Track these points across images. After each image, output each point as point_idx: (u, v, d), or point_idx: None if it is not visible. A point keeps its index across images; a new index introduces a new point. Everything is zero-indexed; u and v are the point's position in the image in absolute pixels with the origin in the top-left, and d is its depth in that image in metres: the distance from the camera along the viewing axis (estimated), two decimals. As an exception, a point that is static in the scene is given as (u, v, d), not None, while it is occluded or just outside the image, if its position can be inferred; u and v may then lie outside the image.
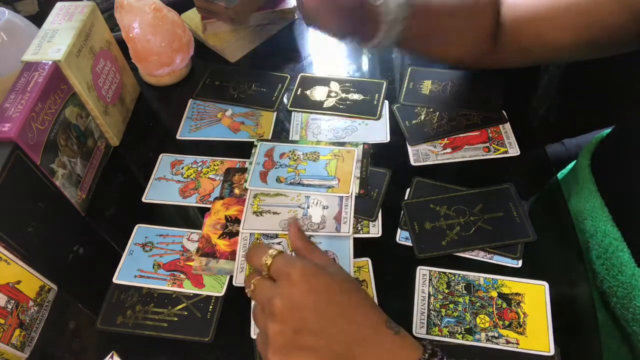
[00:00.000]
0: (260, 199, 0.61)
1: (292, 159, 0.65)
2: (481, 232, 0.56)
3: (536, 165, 0.64)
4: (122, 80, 0.73)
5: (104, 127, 0.67)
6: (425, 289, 0.53)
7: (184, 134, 0.71)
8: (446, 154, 0.65)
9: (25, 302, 0.52)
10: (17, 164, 0.51)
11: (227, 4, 0.74)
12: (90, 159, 0.65)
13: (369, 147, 0.66)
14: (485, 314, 0.51)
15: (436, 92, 0.72)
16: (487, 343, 0.49)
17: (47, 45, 0.59)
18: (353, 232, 0.58)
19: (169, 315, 0.54)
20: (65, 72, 0.59)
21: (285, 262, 0.43)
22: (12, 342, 0.50)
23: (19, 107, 0.52)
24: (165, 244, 0.60)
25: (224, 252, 0.57)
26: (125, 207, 0.65)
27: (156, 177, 0.66)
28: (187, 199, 0.63)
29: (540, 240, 0.55)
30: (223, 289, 0.55)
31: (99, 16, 0.66)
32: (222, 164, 0.67)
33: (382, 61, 0.80)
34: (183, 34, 0.75)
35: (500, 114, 0.68)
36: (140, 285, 0.56)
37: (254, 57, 0.82)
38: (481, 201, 0.59)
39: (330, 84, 0.76)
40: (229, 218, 0.60)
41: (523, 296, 0.52)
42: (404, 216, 0.59)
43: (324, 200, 0.61)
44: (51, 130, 0.56)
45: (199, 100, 0.76)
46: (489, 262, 0.55)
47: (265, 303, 0.42)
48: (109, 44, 0.69)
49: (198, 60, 0.82)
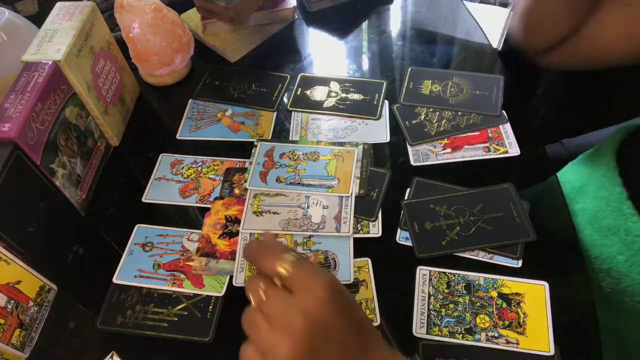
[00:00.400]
0: (260, 199, 0.61)
1: (292, 159, 0.65)
2: (481, 232, 0.56)
3: (536, 165, 0.64)
4: (122, 80, 0.73)
5: (104, 127, 0.67)
6: (425, 289, 0.53)
7: (184, 134, 0.71)
8: (446, 154, 0.65)
9: (25, 302, 0.52)
10: (17, 164, 0.51)
11: (227, 4, 0.74)
12: (90, 159, 0.65)
13: (369, 147, 0.66)
14: (485, 314, 0.51)
15: (436, 92, 0.72)
16: (487, 343, 0.49)
17: (47, 45, 0.59)
18: (353, 232, 0.58)
19: (169, 315, 0.54)
20: (65, 72, 0.59)
21: (309, 273, 0.37)
22: (12, 342, 0.50)
23: (19, 107, 0.52)
24: (165, 244, 0.60)
25: (224, 252, 0.57)
26: (125, 207, 0.65)
27: (156, 177, 0.66)
28: (187, 199, 0.63)
29: (540, 240, 0.55)
30: (223, 289, 0.55)
31: (99, 16, 0.66)
32: (222, 164, 0.67)
33: (382, 61, 0.80)
34: (183, 34, 0.75)
35: (500, 114, 0.68)
36: (140, 285, 0.56)
37: (254, 57, 0.82)
38: (481, 201, 0.59)
39: (330, 84, 0.76)
40: (229, 218, 0.60)
41: (523, 296, 0.52)
42: (404, 216, 0.59)
43: (324, 200, 0.61)
44: (51, 130, 0.56)
45: (199, 100, 0.76)
46: (489, 262, 0.55)
47: (280, 317, 0.36)
48: (109, 44, 0.69)
49: (198, 60, 0.82)
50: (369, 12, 0.87)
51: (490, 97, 0.70)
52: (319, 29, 0.86)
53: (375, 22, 0.86)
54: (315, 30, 0.86)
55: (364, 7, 0.88)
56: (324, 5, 0.88)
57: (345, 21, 0.87)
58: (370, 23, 0.86)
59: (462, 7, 0.86)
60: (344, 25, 0.86)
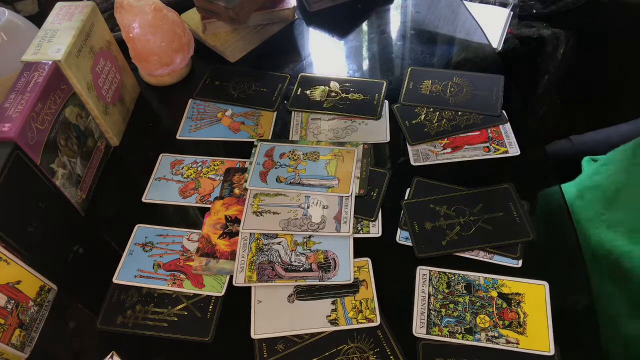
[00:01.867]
0: (260, 198, 0.61)
1: (292, 158, 0.65)
2: (481, 232, 0.56)
3: (536, 165, 0.64)
4: (122, 80, 0.73)
5: (104, 127, 0.67)
6: (425, 288, 0.53)
7: (184, 134, 0.71)
8: (446, 154, 0.65)
9: (25, 302, 0.52)
10: (17, 164, 0.51)
11: (227, 4, 0.74)
12: (90, 159, 0.65)
13: (369, 147, 0.66)
14: (485, 314, 0.51)
15: (436, 92, 0.72)
16: (487, 343, 0.49)
17: (47, 45, 0.59)
18: (353, 232, 0.58)
19: (169, 315, 0.54)
20: (65, 72, 0.59)
21: None
22: (12, 342, 0.50)
23: (19, 107, 0.52)
24: (165, 244, 0.60)
25: (224, 252, 0.57)
26: (125, 207, 0.65)
27: (156, 177, 0.66)
28: (187, 199, 0.63)
29: (540, 240, 0.55)
30: (223, 289, 0.55)
31: (99, 16, 0.66)
32: (222, 164, 0.67)
33: (382, 61, 0.80)
34: (183, 34, 0.75)
35: (500, 114, 0.68)
36: (140, 285, 0.56)
37: (254, 57, 0.82)
38: (481, 201, 0.59)
39: (330, 83, 0.76)
40: (229, 218, 0.60)
41: (523, 296, 0.52)
42: (404, 216, 0.59)
43: (324, 200, 0.61)
44: (51, 130, 0.56)
45: (199, 100, 0.76)
46: (489, 262, 0.55)
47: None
48: (109, 44, 0.69)
49: (198, 60, 0.82)
50: (369, 12, 0.87)
51: (490, 97, 0.70)
52: (319, 29, 0.86)
53: (375, 22, 0.86)
54: (315, 30, 0.86)
55: (364, 7, 0.88)
56: (324, 5, 0.88)
57: (345, 21, 0.87)
58: (370, 23, 0.86)
59: (462, 7, 0.86)
60: (344, 25, 0.86)
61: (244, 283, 0.55)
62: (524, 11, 1.23)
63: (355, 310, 0.53)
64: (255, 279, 0.55)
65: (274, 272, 0.55)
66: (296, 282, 0.54)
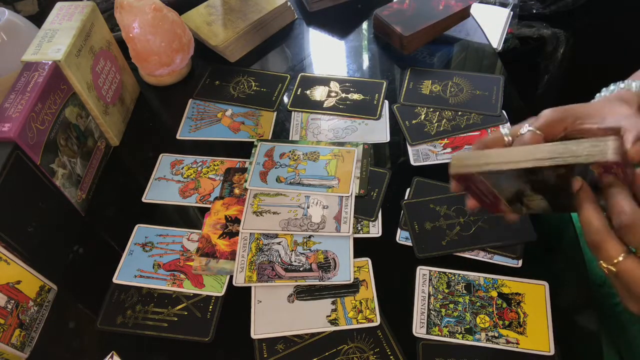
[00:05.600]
0: (260, 198, 0.61)
1: (292, 158, 0.65)
2: (481, 232, 0.56)
3: (536, 165, 0.64)
4: (122, 80, 0.73)
5: (104, 127, 0.67)
6: (425, 289, 0.53)
7: (184, 134, 0.71)
8: (446, 154, 0.65)
9: (25, 302, 0.52)
10: (17, 164, 0.51)
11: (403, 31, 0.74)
12: (90, 159, 0.65)
13: (369, 147, 0.66)
14: (485, 314, 0.51)
15: (436, 92, 0.72)
16: (487, 343, 0.49)
17: (47, 45, 0.59)
18: (353, 232, 0.58)
19: (169, 315, 0.54)
20: (65, 72, 0.59)
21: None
22: (12, 342, 0.50)
23: (19, 107, 0.52)
24: (165, 244, 0.60)
25: (224, 252, 0.57)
26: (125, 207, 0.65)
27: (156, 177, 0.66)
28: (187, 199, 0.63)
29: (540, 240, 0.55)
30: (223, 289, 0.55)
31: (99, 16, 0.66)
32: (222, 164, 0.67)
33: (382, 61, 0.80)
34: (183, 34, 0.75)
35: (500, 114, 0.68)
36: (140, 285, 0.56)
37: (254, 57, 0.82)
38: (481, 201, 0.59)
39: (330, 83, 0.76)
40: (229, 218, 0.60)
41: (523, 296, 0.52)
42: (404, 216, 0.59)
43: (324, 200, 0.61)
44: (51, 130, 0.56)
45: (199, 100, 0.76)
46: (489, 262, 0.55)
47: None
48: (109, 44, 0.69)
49: (198, 60, 0.82)
50: (369, 12, 0.86)
51: (490, 97, 0.70)
52: (319, 29, 0.86)
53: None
54: (315, 30, 0.87)
55: (364, 7, 0.88)
56: (323, 5, 0.88)
57: (345, 21, 0.87)
58: (370, 23, 0.86)
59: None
60: (344, 25, 0.86)
61: (244, 283, 0.55)
62: (524, 11, 1.23)
63: (355, 310, 0.53)
64: (255, 279, 0.55)
65: (274, 272, 0.55)
66: (296, 282, 0.54)
